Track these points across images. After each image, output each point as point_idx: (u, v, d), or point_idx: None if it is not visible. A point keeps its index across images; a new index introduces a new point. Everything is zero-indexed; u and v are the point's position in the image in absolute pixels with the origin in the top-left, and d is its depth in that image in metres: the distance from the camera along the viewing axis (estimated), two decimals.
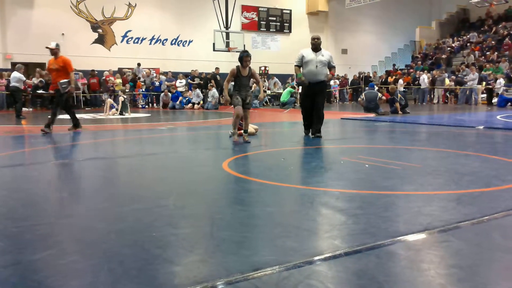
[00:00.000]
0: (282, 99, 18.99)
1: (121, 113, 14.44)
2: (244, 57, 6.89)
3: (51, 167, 5.23)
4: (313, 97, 7.72)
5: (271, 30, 26.28)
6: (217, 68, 21.31)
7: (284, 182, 4.18)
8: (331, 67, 7.71)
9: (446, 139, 7.82)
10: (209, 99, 18.70)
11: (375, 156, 5.58)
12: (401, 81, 23.08)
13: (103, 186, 4.28)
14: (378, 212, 3.08)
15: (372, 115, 13.31)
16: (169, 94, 19.03)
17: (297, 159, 5.89)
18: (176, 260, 2.27)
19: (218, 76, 20.78)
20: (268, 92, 22.00)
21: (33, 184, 4.35)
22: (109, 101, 14.80)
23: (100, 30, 21.53)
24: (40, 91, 18.18)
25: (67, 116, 9.52)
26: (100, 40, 21.63)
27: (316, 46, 7.65)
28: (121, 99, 14.68)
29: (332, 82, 23.81)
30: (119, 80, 19.66)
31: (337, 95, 24.34)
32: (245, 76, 6.95)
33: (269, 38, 26.28)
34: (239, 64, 6.94)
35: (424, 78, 21.44)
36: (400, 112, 14.03)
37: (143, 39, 22.58)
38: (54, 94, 9.08)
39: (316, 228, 2.78)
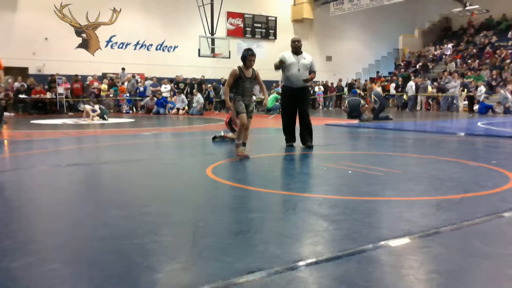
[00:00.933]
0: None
1: (102, 118, 14.30)
2: (249, 56, 5.96)
3: (32, 173, 5.16)
4: (297, 106, 7.28)
5: (256, 36, 26.40)
6: (203, 76, 21.40)
7: (268, 188, 4.19)
8: (312, 71, 7.23)
9: (427, 145, 7.92)
10: (194, 105, 18.66)
11: (358, 162, 5.63)
12: (393, 84, 23.37)
13: (85, 193, 4.24)
14: (360, 218, 3.11)
15: (355, 121, 13.42)
16: (155, 99, 18.93)
17: (281, 165, 5.90)
18: (157, 268, 2.26)
19: (203, 84, 20.80)
20: (254, 98, 22.04)
21: (13, 190, 4.29)
22: (89, 108, 14.61)
23: (84, 35, 21.36)
24: (23, 96, 17.96)
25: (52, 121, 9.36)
26: (84, 45, 21.47)
27: (297, 49, 7.16)
28: (96, 107, 14.57)
29: (316, 89, 23.95)
30: (104, 86, 19.52)
31: (321, 102, 24.48)
32: (249, 78, 6.06)
33: (254, 44, 26.33)
34: (240, 65, 6.09)
35: (412, 86, 21.70)
36: (375, 117, 14.04)
37: (127, 44, 22.47)
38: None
39: (299, 234, 2.80)
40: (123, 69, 21.14)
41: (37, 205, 3.70)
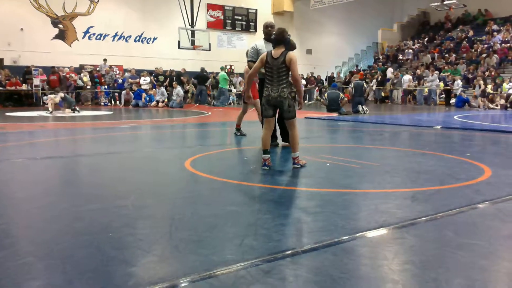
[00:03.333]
0: None
1: (73, 110, 13.93)
2: None
3: (7, 166, 5.05)
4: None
5: (236, 29, 26.24)
6: (183, 69, 21.17)
7: (245, 181, 4.19)
8: None
9: (404, 138, 8.03)
10: (173, 97, 18.49)
11: (336, 155, 5.67)
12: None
13: (61, 186, 4.17)
14: (337, 210, 3.14)
15: (335, 114, 13.50)
16: (131, 93, 18.67)
17: (259, 158, 5.89)
18: (132, 261, 2.24)
19: (182, 76, 20.58)
20: (234, 91, 21.94)
21: None
22: (53, 96, 14.03)
23: (60, 26, 20.90)
24: None
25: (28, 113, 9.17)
26: (61, 36, 21.01)
27: (270, 36, 6.18)
28: (61, 95, 14.01)
29: None
30: (85, 78, 19.16)
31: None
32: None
33: (234, 37, 26.22)
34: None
35: (405, 79, 21.84)
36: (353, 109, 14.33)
37: (105, 35, 22.09)
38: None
39: (275, 227, 2.80)
40: (105, 60, 20.75)
41: (11, 199, 3.62)
